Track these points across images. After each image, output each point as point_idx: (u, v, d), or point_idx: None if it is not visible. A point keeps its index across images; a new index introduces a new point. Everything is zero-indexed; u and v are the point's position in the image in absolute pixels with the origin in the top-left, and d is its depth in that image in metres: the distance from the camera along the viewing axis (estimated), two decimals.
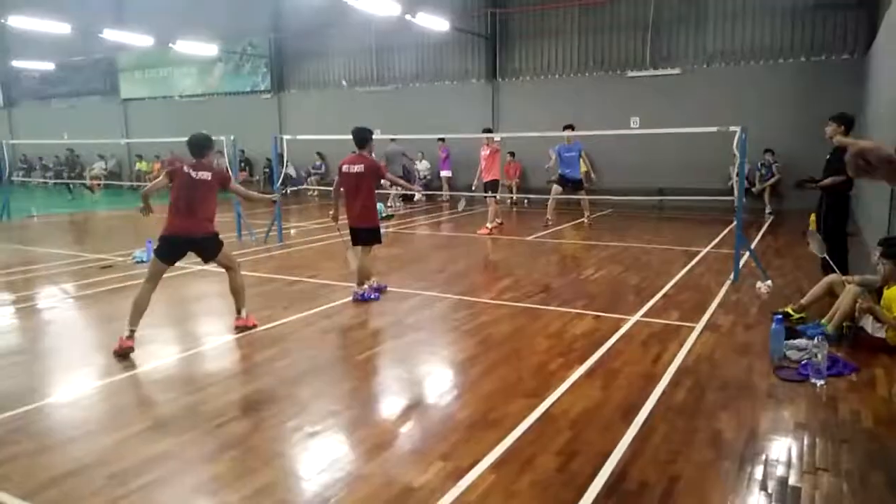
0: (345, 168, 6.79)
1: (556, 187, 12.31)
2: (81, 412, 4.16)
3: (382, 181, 7.07)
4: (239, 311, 5.79)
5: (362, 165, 6.72)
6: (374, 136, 6.96)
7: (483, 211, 15.57)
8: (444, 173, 17.58)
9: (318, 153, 19.84)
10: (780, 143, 13.97)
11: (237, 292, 5.76)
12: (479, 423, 3.87)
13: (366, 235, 6.89)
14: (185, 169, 5.45)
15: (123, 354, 5.07)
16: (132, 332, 5.17)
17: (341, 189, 6.90)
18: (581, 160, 12.38)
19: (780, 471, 3.31)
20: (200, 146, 5.58)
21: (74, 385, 4.63)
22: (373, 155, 7.28)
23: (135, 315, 5.21)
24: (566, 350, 5.18)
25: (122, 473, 3.32)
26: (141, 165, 24.15)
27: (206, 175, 5.44)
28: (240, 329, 5.74)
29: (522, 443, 3.61)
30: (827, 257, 6.16)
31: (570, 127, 11.90)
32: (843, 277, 5.73)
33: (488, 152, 11.87)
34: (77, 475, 3.31)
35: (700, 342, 5.34)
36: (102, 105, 25.89)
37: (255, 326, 5.81)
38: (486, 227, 11.67)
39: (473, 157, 17.86)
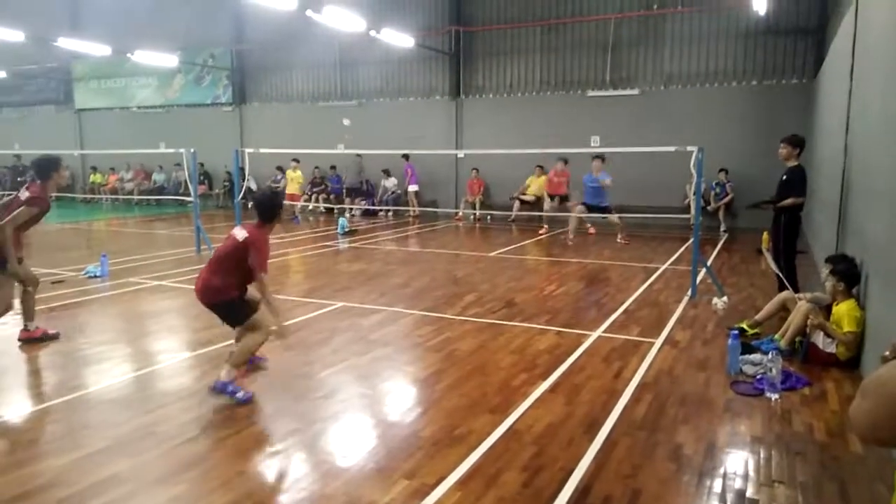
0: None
1: (580, 206, 12.31)
2: (32, 433, 4.00)
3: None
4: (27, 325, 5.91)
5: (247, 235, 4.69)
6: (335, 151, 6.88)
7: (445, 227, 15.67)
8: (412, 188, 17.55)
9: (279, 167, 19.64)
10: (734, 162, 14.42)
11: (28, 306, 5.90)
12: (443, 439, 3.86)
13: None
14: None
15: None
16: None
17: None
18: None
19: (737, 483, 3.39)
20: (41, 170, 5.68)
21: (24, 405, 4.46)
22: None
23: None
24: (530, 366, 5.22)
25: (77, 496, 3.20)
26: (95, 178, 23.48)
27: (23, 195, 5.56)
28: (24, 341, 5.81)
29: (488, 459, 3.61)
30: (780, 274, 6.37)
31: (600, 158, 11.92)
32: (795, 294, 5.93)
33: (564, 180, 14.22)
34: (27, 499, 3.18)
35: (660, 357, 5.44)
36: (56, 115, 25.16)
37: (55, 336, 5.91)
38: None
39: (438, 173, 18.06)
